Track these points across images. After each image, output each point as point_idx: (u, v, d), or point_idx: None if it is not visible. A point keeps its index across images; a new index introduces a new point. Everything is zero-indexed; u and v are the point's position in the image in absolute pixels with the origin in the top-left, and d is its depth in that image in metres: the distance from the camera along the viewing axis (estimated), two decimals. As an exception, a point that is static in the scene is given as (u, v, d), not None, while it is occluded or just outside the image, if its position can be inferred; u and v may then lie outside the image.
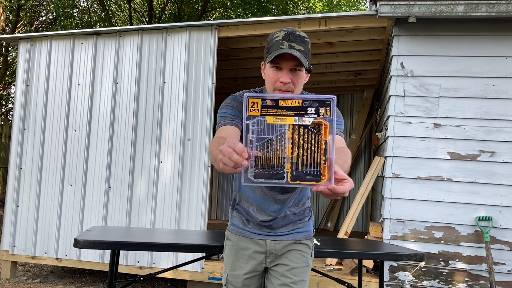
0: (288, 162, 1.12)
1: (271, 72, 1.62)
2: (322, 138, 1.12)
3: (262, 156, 1.12)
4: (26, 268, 5.21)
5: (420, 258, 2.53)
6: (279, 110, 1.13)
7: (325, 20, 4.07)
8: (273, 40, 1.60)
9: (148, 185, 4.31)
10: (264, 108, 1.13)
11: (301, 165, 1.12)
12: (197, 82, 4.27)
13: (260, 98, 1.13)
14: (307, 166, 1.12)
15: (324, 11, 11.18)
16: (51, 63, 4.67)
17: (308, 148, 1.12)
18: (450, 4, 3.51)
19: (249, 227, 1.80)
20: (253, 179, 1.12)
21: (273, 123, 1.13)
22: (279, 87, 1.60)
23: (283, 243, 1.77)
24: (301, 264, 1.77)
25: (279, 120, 1.12)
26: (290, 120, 1.12)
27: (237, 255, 1.80)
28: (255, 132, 1.13)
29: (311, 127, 1.12)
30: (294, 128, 1.12)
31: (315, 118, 1.12)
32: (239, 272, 1.79)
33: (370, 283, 3.80)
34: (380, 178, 4.40)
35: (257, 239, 1.77)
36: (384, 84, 5.04)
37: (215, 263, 4.17)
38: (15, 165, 4.66)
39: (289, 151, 1.12)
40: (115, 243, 2.39)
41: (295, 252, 1.77)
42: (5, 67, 10.32)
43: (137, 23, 12.40)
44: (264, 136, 1.13)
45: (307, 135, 1.12)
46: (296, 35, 1.59)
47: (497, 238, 3.64)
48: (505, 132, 3.66)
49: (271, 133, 1.13)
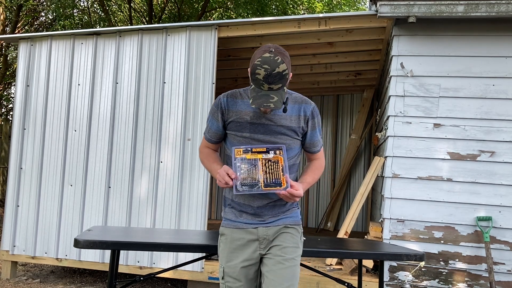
0: (261, 179, 1.85)
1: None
2: (280, 165, 1.87)
3: (245, 177, 1.85)
4: (26, 268, 5.21)
5: (420, 258, 2.53)
6: (252, 154, 1.90)
7: (325, 20, 4.07)
8: (255, 74, 1.78)
9: (148, 185, 4.31)
10: (244, 152, 1.90)
11: (269, 179, 1.85)
12: (197, 82, 4.28)
13: (242, 148, 1.91)
14: (273, 180, 1.85)
15: (324, 11, 11.18)
16: (51, 63, 4.67)
17: (271, 170, 1.87)
18: (450, 4, 3.51)
19: (242, 219, 1.97)
20: (240, 190, 1.84)
21: (250, 157, 1.89)
22: (262, 109, 1.91)
23: (274, 228, 1.95)
24: (291, 244, 1.94)
25: (253, 156, 1.89)
26: (260, 156, 1.89)
27: (231, 247, 1.95)
28: (241, 162, 1.88)
29: (272, 160, 1.88)
30: (263, 160, 1.88)
31: (274, 155, 1.89)
32: (235, 262, 1.92)
33: (370, 283, 3.80)
34: (380, 178, 4.40)
35: (249, 227, 1.95)
36: (384, 84, 5.05)
37: (215, 263, 4.17)
38: (15, 165, 4.66)
39: (261, 172, 1.86)
40: (115, 243, 2.39)
41: (286, 234, 1.96)
42: (5, 67, 10.32)
43: (137, 23, 12.40)
44: (246, 165, 1.89)
45: (270, 164, 1.88)
46: (274, 75, 1.75)
47: (497, 238, 3.64)
48: (505, 132, 3.66)
49: (249, 165, 1.88)
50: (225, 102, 1.97)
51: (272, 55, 1.75)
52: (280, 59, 1.75)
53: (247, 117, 1.95)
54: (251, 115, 1.95)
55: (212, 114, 2.02)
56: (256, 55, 1.80)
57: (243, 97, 1.98)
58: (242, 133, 1.95)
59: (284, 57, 1.78)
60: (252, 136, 1.94)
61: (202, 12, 10.65)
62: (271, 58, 1.74)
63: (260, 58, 1.76)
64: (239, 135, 1.95)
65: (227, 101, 1.97)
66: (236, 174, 1.84)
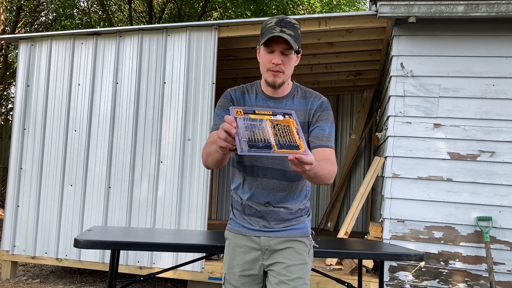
0: (272, 140, 1.43)
1: (264, 54, 1.79)
2: (293, 127, 1.50)
3: (252, 136, 1.42)
4: (26, 268, 5.21)
5: (420, 258, 2.53)
6: (256, 115, 1.52)
7: (325, 20, 4.07)
8: (266, 26, 1.76)
9: (148, 185, 4.31)
10: (246, 113, 1.51)
11: (283, 141, 1.43)
12: (197, 82, 4.28)
13: (242, 109, 1.52)
14: (287, 142, 1.44)
15: (324, 11, 11.18)
16: (51, 63, 4.68)
17: (283, 132, 1.48)
18: (450, 4, 3.51)
19: (245, 223, 1.85)
20: (245, 150, 1.38)
21: (254, 117, 1.50)
22: (271, 67, 1.76)
23: (277, 239, 1.81)
24: (297, 262, 1.79)
25: (258, 117, 1.51)
26: (266, 117, 1.52)
27: (234, 253, 1.86)
28: (243, 122, 1.46)
29: (281, 123, 1.51)
30: (271, 122, 1.50)
31: (282, 118, 1.53)
32: (235, 270, 1.84)
33: (370, 283, 3.80)
34: (380, 178, 4.40)
35: (252, 235, 1.83)
36: (384, 84, 5.05)
37: (215, 263, 4.17)
38: (15, 165, 4.66)
39: (271, 133, 1.46)
40: (115, 243, 2.39)
41: (290, 250, 1.80)
42: (5, 67, 10.32)
43: (137, 23, 12.40)
44: (250, 125, 1.47)
45: (281, 127, 1.50)
46: (287, 22, 1.74)
47: (497, 238, 3.64)
48: (505, 132, 3.66)
49: (254, 124, 1.48)
50: (234, 95, 1.90)
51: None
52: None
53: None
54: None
55: (221, 106, 1.88)
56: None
57: (249, 92, 1.91)
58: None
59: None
60: None
61: (202, 12, 10.65)
62: (283, 15, 1.80)
63: (271, 17, 1.80)
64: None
65: (236, 94, 1.90)
66: (239, 134, 1.42)
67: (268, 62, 1.77)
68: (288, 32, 1.72)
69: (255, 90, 1.90)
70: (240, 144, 1.38)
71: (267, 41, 1.73)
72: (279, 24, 1.73)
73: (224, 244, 1.96)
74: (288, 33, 1.72)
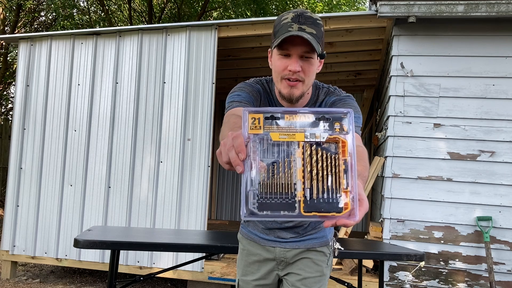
0: (301, 188, 0.87)
1: (278, 59, 1.41)
2: (340, 158, 0.89)
3: (267, 183, 0.87)
4: (26, 268, 5.21)
5: (420, 258, 2.53)
6: (283, 128, 0.90)
7: (325, 20, 4.07)
8: (281, 22, 1.37)
9: (148, 185, 4.31)
10: (267, 124, 0.89)
11: (317, 192, 0.87)
12: (197, 82, 4.27)
13: (262, 112, 0.90)
14: (324, 193, 0.87)
15: (324, 11, 11.18)
16: (51, 63, 4.67)
17: (324, 170, 0.88)
18: (450, 4, 3.51)
19: (259, 232, 1.65)
20: (256, 211, 0.86)
21: (279, 140, 0.88)
22: (287, 75, 1.40)
23: (294, 251, 1.60)
24: (314, 274, 1.59)
25: (286, 137, 0.89)
26: (300, 137, 0.89)
27: (248, 261, 1.68)
28: (258, 153, 0.88)
29: (326, 145, 0.89)
30: (305, 147, 0.88)
31: (331, 134, 0.90)
32: (249, 278, 1.67)
33: (370, 283, 3.80)
34: (380, 178, 4.40)
35: (267, 245, 1.63)
36: (384, 84, 5.04)
37: (215, 263, 4.17)
38: (15, 165, 4.66)
39: (300, 174, 0.87)
40: (115, 243, 2.39)
41: (307, 261, 1.60)
42: (5, 67, 10.32)
43: (137, 23, 12.40)
44: (268, 158, 0.88)
45: (322, 155, 0.89)
46: (307, 17, 1.36)
47: (497, 238, 3.64)
48: (505, 132, 3.66)
49: (276, 154, 0.88)
50: (258, 91, 1.56)
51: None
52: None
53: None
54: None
55: (242, 89, 1.53)
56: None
57: (265, 94, 1.59)
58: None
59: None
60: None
61: (202, 12, 10.65)
62: (301, 9, 1.44)
63: (286, 12, 1.41)
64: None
65: (261, 92, 1.57)
66: (246, 177, 0.87)
67: (283, 69, 1.40)
68: (308, 31, 1.34)
69: (270, 94, 1.57)
70: (243, 200, 0.86)
71: (282, 42, 1.35)
72: (297, 20, 1.35)
73: (225, 244, 1.95)
74: (309, 31, 1.34)
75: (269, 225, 1.61)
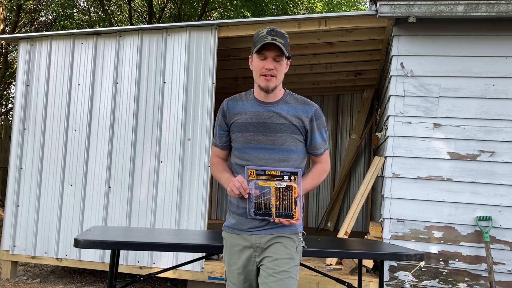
0: (274, 207, 1.89)
1: (257, 61, 1.94)
2: (293, 195, 1.86)
3: (258, 203, 1.90)
4: (26, 268, 5.21)
5: (420, 258, 2.53)
6: (266, 176, 1.88)
7: (325, 20, 4.07)
8: (259, 36, 1.93)
9: (148, 185, 4.31)
10: (258, 175, 1.89)
11: (281, 208, 1.88)
12: (197, 82, 4.28)
13: (255, 169, 1.88)
14: (285, 210, 1.88)
15: (324, 11, 11.18)
16: (51, 63, 4.68)
17: (284, 198, 1.87)
18: (450, 4, 3.51)
19: (239, 224, 2.01)
20: (254, 216, 1.92)
21: (262, 184, 1.88)
22: (264, 72, 1.92)
23: (267, 237, 1.96)
24: (284, 256, 1.92)
25: (266, 183, 1.88)
26: (272, 184, 1.88)
27: (231, 252, 2.03)
28: (254, 187, 1.89)
29: (285, 188, 1.86)
30: (276, 190, 1.88)
31: (288, 182, 1.87)
32: (233, 267, 2.01)
33: (370, 283, 3.80)
34: (380, 178, 4.40)
35: (244, 234, 1.98)
36: (384, 84, 5.05)
37: (215, 263, 4.17)
38: (15, 165, 4.66)
39: (274, 201, 1.88)
40: (115, 243, 2.39)
41: (279, 245, 1.94)
42: (5, 67, 10.32)
43: (137, 23, 12.40)
44: (259, 191, 1.91)
45: (284, 192, 1.87)
46: (277, 31, 1.92)
47: (497, 238, 3.64)
48: (505, 132, 3.66)
49: (262, 191, 1.89)
50: (226, 105, 2.07)
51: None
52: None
53: (247, 116, 2.00)
54: (251, 114, 2.00)
55: (218, 120, 2.10)
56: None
57: (242, 99, 2.05)
58: (242, 132, 2.00)
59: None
60: (252, 135, 1.98)
61: (202, 12, 10.65)
62: (273, 26, 2.06)
63: (261, 28, 1.99)
64: (239, 135, 2.00)
65: (228, 104, 2.06)
66: (250, 199, 1.89)
67: (261, 68, 1.92)
68: (279, 40, 1.88)
69: (248, 97, 2.06)
70: (249, 209, 1.90)
71: (260, 49, 1.89)
72: (270, 33, 1.89)
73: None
74: (279, 41, 1.88)
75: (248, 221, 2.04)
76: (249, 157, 1.98)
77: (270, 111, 1.98)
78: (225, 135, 2.09)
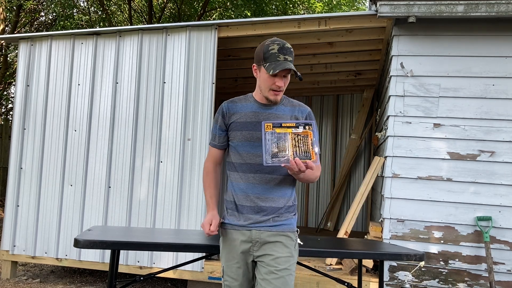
0: (291, 151, 1.92)
1: (266, 76, 2.02)
2: (309, 138, 1.95)
3: (275, 151, 1.91)
4: (26, 268, 5.21)
5: (420, 258, 2.53)
6: (282, 128, 1.95)
7: (325, 20, 4.07)
8: (269, 51, 2.00)
9: (148, 185, 4.31)
10: (274, 127, 1.95)
11: (299, 151, 1.92)
12: (197, 82, 4.28)
13: (271, 122, 1.95)
14: (302, 152, 1.92)
15: (324, 11, 11.18)
16: (51, 63, 4.68)
17: (301, 143, 1.94)
18: (450, 4, 3.51)
19: (238, 221, 2.08)
20: (269, 162, 1.90)
21: (279, 131, 1.94)
22: (274, 88, 2.03)
23: (267, 233, 2.04)
24: (285, 254, 2.02)
25: (283, 130, 1.95)
26: (289, 130, 1.95)
27: (229, 248, 2.10)
28: (271, 136, 1.94)
29: (301, 134, 1.95)
30: (292, 135, 1.94)
31: (303, 130, 1.96)
32: (231, 262, 2.08)
33: (370, 283, 3.80)
34: (380, 178, 4.40)
35: (244, 230, 2.06)
36: (384, 84, 5.05)
37: (215, 263, 4.17)
38: (15, 165, 4.66)
39: (291, 145, 1.93)
40: (115, 243, 2.39)
41: (279, 244, 2.03)
42: (5, 67, 10.32)
43: (137, 23, 12.40)
44: (276, 139, 1.95)
45: (300, 138, 1.95)
46: (287, 48, 2.01)
47: (497, 238, 3.64)
48: (505, 132, 3.66)
49: (279, 138, 1.94)
50: (226, 107, 2.14)
51: (277, 38, 2.06)
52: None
53: (246, 116, 2.09)
54: (250, 114, 2.08)
55: (216, 121, 2.17)
56: (264, 43, 2.04)
57: (242, 102, 2.14)
58: (242, 131, 2.07)
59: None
60: (251, 133, 2.05)
61: (202, 12, 10.65)
62: (278, 39, 2.05)
63: (269, 40, 2.03)
64: (238, 133, 2.08)
65: (228, 106, 2.14)
66: (266, 148, 1.92)
67: (271, 84, 2.02)
68: (289, 60, 2.00)
69: (248, 99, 2.16)
70: (265, 156, 1.90)
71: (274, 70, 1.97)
72: (282, 51, 1.98)
73: None
74: (290, 60, 2.00)
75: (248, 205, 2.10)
76: (246, 154, 2.06)
77: (269, 112, 2.09)
78: (223, 135, 2.16)
